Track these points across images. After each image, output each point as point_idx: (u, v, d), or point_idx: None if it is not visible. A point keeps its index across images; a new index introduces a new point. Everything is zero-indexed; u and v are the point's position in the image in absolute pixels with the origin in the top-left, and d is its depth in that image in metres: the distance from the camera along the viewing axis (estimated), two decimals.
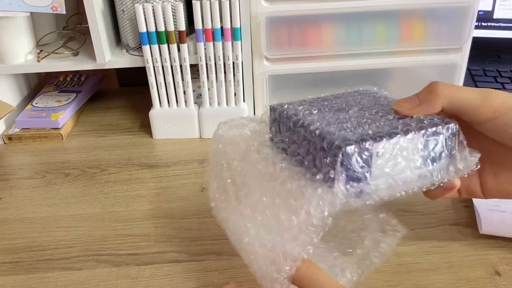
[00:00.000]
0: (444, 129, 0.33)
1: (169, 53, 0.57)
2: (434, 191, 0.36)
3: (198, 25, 0.55)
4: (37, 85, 0.75)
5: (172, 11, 0.55)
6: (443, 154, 0.34)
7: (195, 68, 0.59)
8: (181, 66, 0.58)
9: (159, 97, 0.60)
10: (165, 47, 0.57)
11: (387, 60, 0.61)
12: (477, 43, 0.61)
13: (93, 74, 0.77)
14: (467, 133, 0.35)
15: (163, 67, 0.58)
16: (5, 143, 0.63)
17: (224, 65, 0.58)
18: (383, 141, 0.31)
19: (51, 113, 0.65)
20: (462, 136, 0.34)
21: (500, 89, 0.65)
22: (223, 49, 0.57)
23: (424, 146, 0.33)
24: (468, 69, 0.65)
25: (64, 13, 0.57)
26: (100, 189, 0.53)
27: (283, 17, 0.57)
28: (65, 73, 0.76)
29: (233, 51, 0.57)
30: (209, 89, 0.60)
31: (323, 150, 0.31)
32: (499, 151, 0.36)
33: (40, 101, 0.68)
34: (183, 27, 0.56)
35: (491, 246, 0.41)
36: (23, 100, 0.69)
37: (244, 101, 0.61)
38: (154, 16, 0.55)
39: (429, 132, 0.32)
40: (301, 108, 0.35)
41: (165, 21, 0.55)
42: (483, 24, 0.71)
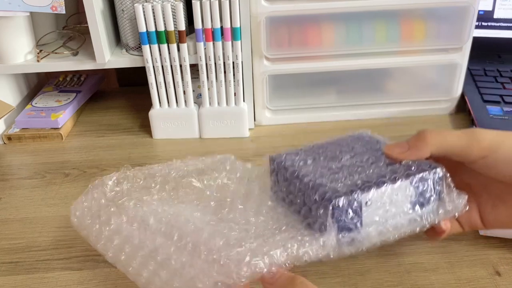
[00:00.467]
0: (431, 174, 0.35)
1: (169, 53, 0.57)
2: (429, 233, 0.37)
3: (198, 25, 0.55)
4: (37, 85, 0.75)
5: (172, 11, 0.55)
6: (432, 198, 0.35)
7: (195, 68, 0.59)
8: (181, 66, 0.58)
9: (159, 97, 0.60)
10: (165, 47, 0.57)
11: (387, 60, 0.61)
12: (477, 43, 0.61)
13: (93, 74, 0.77)
14: (461, 169, 0.36)
15: (162, 67, 0.58)
16: (4, 143, 0.63)
17: (224, 65, 0.58)
18: (372, 190, 0.32)
19: (50, 113, 0.65)
20: (449, 179, 0.35)
21: (500, 89, 0.65)
22: (223, 49, 0.57)
23: (412, 192, 0.34)
24: (468, 69, 0.65)
25: (63, 13, 0.56)
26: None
27: (283, 16, 0.57)
28: (65, 73, 0.76)
29: (233, 51, 0.57)
30: (209, 89, 0.60)
31: (316, 202, 0.33)
32: (495, 185, 0.37)
33: (39, 101, 0.68)
34: (183, 27, 0.56)
35: (491, 246, 0.41)
36: (22, 100, 0.69)
37: (244, 101, 0.61)
38: (154, 16, 0.55)
39: (417, 178, 0.34)
40: (297, 158, 0.38)
41: (165, 21, 0.55)
42: (483, 24, 0.71)
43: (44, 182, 0.54)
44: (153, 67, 0.58)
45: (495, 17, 0.70)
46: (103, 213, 0.38)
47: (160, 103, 0.61)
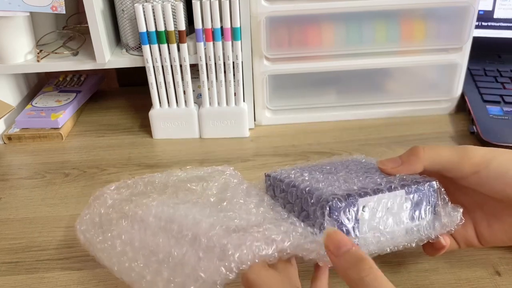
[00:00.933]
0: (425, 186, 0.35)
1: (169, 53, 0.57)
2: (428, 249, 0.37)
3: (198, 24, 0.55)
4: (37, 85, 0.75)
5: (172, 11, 0.55)
6: (427, 209, 0.35)
7: (195, 68, 0.59)
8: (181, 66, 0.58)
9: (159, 97, 0.60)
10: (165, 47, 0.57)
11: (387, 60, 0.61)
12: (477, 42, 0.61)
13: (93, 74, 0.77)
14: (455, 187, 0.37)
15: (163, 67, 0.58)
16: (4, 143, 0.63)
17: (224, 65, 0.58)
18: (368, 196, 0.33)
19: (50, 113, 0.65)
20: (443, 192, 0.36)
21: (500, 89, 0.65)
22: (223, 49, 0.57)
23: (407, 201, 0.34)
24: (468, 69, 0.65)
25: (64, 13, 0.56)
26: (100, 189, 0.52)
27: (283, 16, 0.57)
28: (65, 73, 0.76)
29: (233, 51, 0.57)
30: (209, 89, 0.60)
31: (313, 204, 0.33)
32: (489, 202, 0.37)
33: (39, 101, 0.68)
34: (183, 26, 0.56)
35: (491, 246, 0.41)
36: (22, 100, 0.69)
37: (244, 101, 0.61)
38: (154, 16, 0.55)
39: (412, 189, 0.34)
40: (293, 172, 0.38)
41: (165, 21, 0.55)
42: (483, 23, 0.71)
43: (44, 182, 0.54)
44: (153, 67, 0.58)
45: (495, 17, 0.70)
46: (104, 221, 0.38)
47: (160, 103, 0.61)
